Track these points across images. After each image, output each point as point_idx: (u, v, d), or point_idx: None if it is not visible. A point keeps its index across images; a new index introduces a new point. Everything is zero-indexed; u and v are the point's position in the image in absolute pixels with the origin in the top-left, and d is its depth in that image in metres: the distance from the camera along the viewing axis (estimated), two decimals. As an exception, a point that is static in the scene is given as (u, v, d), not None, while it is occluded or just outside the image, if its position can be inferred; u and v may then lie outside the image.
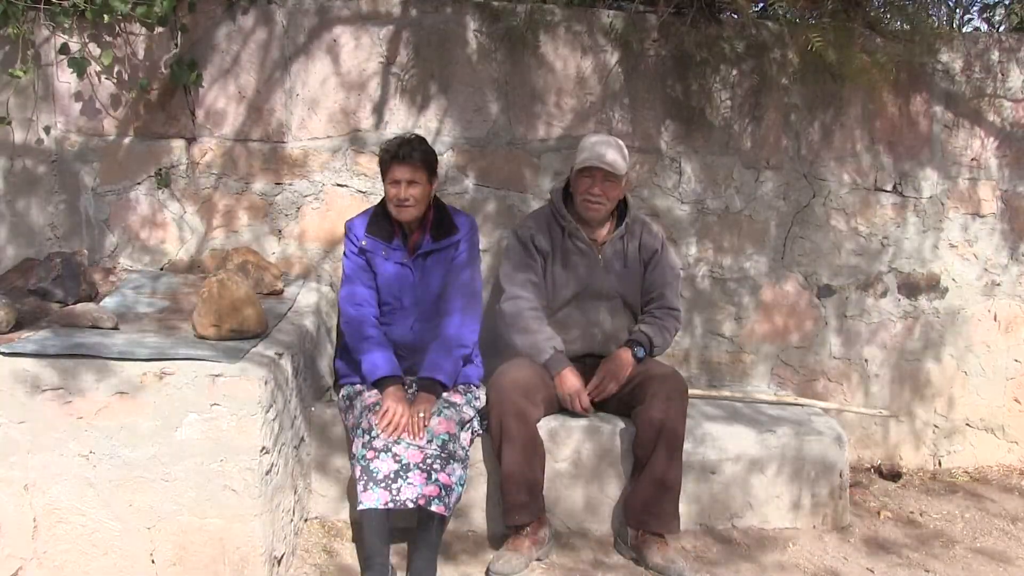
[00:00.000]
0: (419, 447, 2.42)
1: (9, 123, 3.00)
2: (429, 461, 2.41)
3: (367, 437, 2.44)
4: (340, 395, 2.74)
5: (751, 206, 3.42)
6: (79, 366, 2.17)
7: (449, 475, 2.44)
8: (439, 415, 2.50)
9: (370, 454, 2.41)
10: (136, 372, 2.17)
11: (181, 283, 2.97)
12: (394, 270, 2.73)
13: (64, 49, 2.95)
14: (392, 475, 2.38)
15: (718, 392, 3.25)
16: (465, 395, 2.69)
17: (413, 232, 2.75)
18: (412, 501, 2.35)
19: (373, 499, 2.36)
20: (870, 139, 3.46)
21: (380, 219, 2.75)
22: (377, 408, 2.49)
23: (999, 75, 3.49)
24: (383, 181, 2.70)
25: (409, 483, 2.38)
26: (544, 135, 3.28)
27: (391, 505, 2.36)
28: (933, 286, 3.57)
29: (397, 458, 2.40)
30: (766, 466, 2.88)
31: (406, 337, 2.74)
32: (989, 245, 3.58)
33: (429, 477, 2.39)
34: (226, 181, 3.17)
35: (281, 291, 2.95)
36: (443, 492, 2.40)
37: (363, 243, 2.74)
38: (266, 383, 2.23)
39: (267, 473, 2.26)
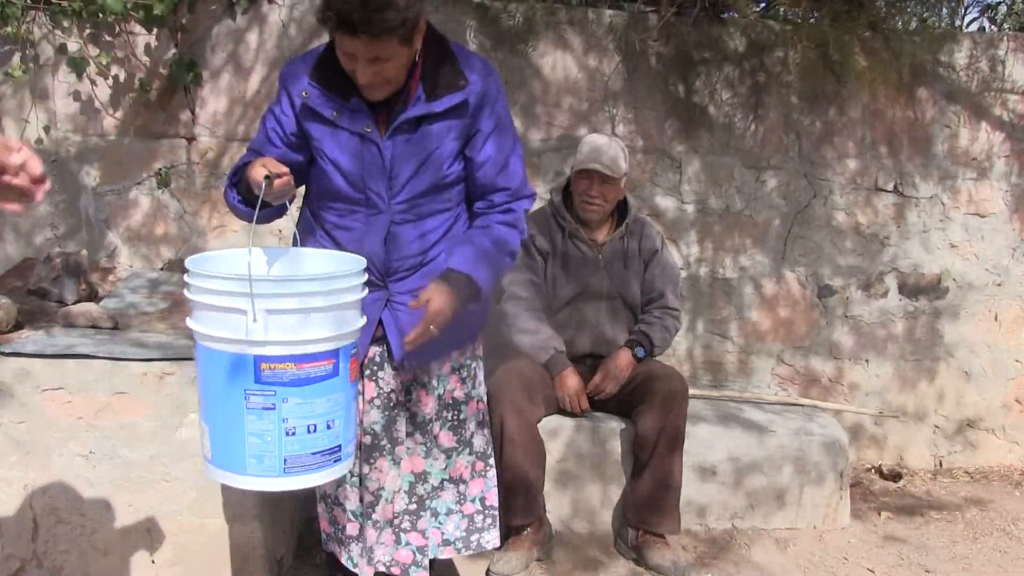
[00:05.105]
0: (387, 500, 1.98)
1: None
2: (397, 520, 2.00)
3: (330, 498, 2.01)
4: None
5: (752, 206, 3.42)
6: (79, 366, 2.17)
7: (423, 531, 2.04)
8: (408, 453, 1.99)
9: (338, 512, 2.04)
10: (136, 372, 2.17)
11: (181, 283, 2.97)
12: (351, 145, 1.81)
13: (63, 49, 2.95)
14: (357, 536, 2.01)
15: (718, 392, 3.25)
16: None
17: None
18: (385, 565, 2.00)
19: (368, 570, 2.01)
20: (871, 138, 3.46)
21: (334, 62, 1.75)
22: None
23: (1001, 74, 3.48)
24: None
25: (381, 543, 1.99)
26: (545, 135, 3.28)
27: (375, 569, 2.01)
28: (934, 286, 3.56)
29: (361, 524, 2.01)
30: (766, 466, 2.88)
31: (376, 250, 1.86)
32: (991, 245, 3.57)
33: (398, 539, 2.01)
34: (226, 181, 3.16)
35: (281, 291, 2.95)
36: (417, 556, 2.01)
37: (305, 94, 1.79)
38: (266, 383, 2.23)
39: (267, 473, 2.26)
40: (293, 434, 1.53)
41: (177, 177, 3.14)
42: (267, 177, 1.64)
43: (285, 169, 1.67)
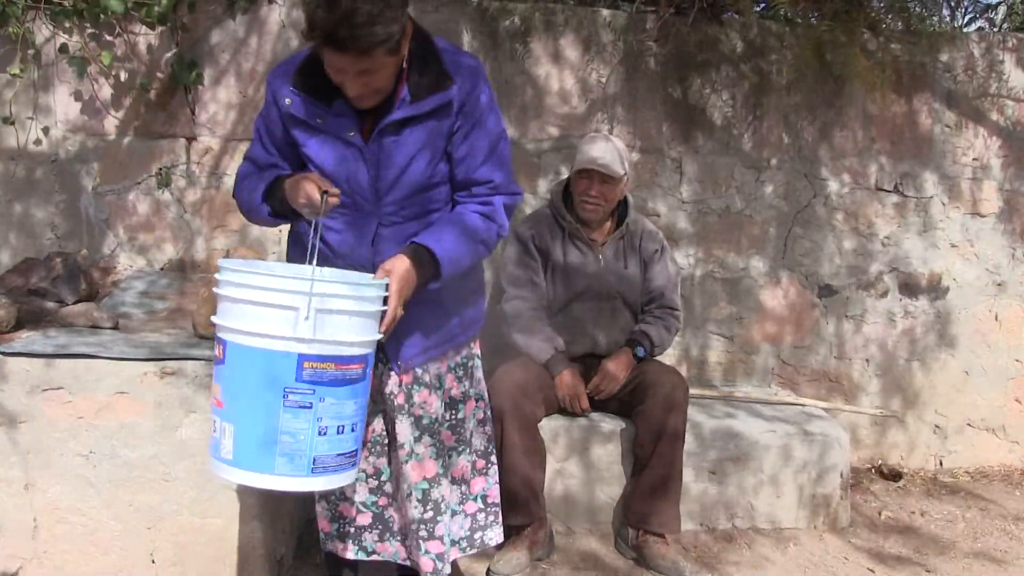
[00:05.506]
0: (399, 505, 1.99)
1: (12, 123, 3.00)
2: (414, 527, 1.97)
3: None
4: None
5: (752, 206, 3.42)
6: (79, 366, 2.17)
7: (442, 536, 2.00)
8: (413, 458, 1.95)
9: (347, 508, 2.04)
10: (136, 372, 2.17)
11: (181, 283, 2.97)
12: (335, 150, 1.79)
13: (64, 49, 2.95)
14: (371, 524, 2.05)
15: (718, 392, 3.25)
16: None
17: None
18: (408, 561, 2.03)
19: (391, 551, 2.06)
20: (871, 139, 3.46)
21: (317, 67, 1.71)
22: None
23: (1001, 75, 3.48)
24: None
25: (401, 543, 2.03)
26: (544, 135, 3.28)
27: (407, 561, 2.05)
28: (934, 286, 3.56)
29: (382, 521, 2.04)
30: (766, 466, 2.88)
31: (364, 256, 1.82)
32: (990, 245, 3.57)
33: (418, 547, 1.98)
34: (227, 181, 3.17)
35: (281, 291, 2.94)
36: (438, 564, 1.99)
37: (287, 102, 1.77)
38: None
39: (267, 473, 2.26)
40: (324, 434, 1.56)
41: (177, 177, 3.14)
42: (323, 193, 1.68)
43: (336, 191, 1.71)
